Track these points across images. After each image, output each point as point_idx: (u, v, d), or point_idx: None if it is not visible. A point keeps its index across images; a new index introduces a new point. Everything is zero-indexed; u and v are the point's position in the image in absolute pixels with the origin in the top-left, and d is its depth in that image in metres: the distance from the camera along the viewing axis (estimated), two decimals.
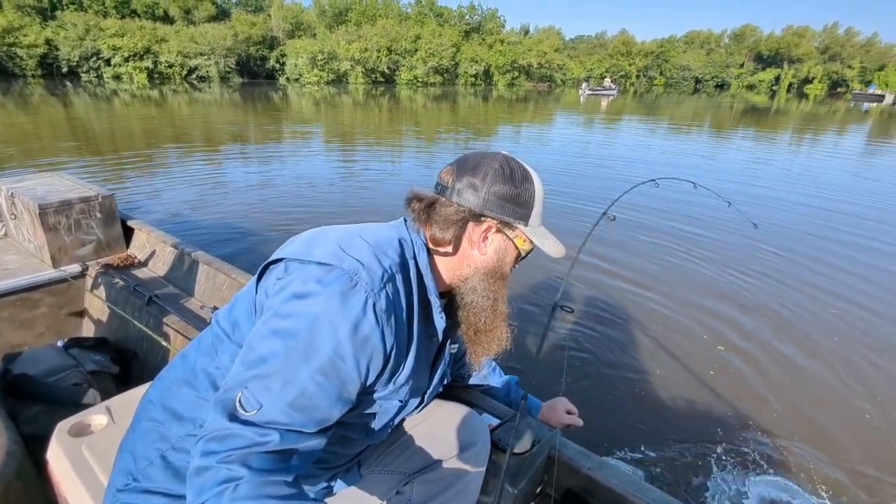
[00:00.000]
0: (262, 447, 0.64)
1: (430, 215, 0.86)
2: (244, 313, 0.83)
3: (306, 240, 0.80)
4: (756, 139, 14.24)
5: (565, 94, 46.13)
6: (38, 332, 2.29)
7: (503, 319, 0.93)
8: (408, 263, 0.82)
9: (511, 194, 0.85)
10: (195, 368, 0.84)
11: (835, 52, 71.83)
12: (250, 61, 49.91)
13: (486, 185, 0.84)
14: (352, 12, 59.18)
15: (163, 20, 49.52)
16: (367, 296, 0.71)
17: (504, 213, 0.85)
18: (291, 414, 0.66)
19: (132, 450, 0.85)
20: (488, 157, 0.86)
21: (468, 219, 0.85)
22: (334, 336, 0.68)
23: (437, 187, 0.89)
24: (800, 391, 2.58)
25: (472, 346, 0.94)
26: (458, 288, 0.91)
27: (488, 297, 0.89)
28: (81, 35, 40.47)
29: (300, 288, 0.71)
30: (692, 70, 71.71)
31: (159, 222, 2.53)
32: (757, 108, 31.27)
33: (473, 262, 0.88)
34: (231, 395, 0.67)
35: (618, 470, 1.08)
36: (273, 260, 0.79)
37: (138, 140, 10.36)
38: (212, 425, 0.66)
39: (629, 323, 3.19)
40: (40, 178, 2.58)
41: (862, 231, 5.29)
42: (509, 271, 0.92)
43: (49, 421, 1.20)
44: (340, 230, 0.82)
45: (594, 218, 1.78)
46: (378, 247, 0.78)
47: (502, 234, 0.88)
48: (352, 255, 0.74)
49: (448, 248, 0.87)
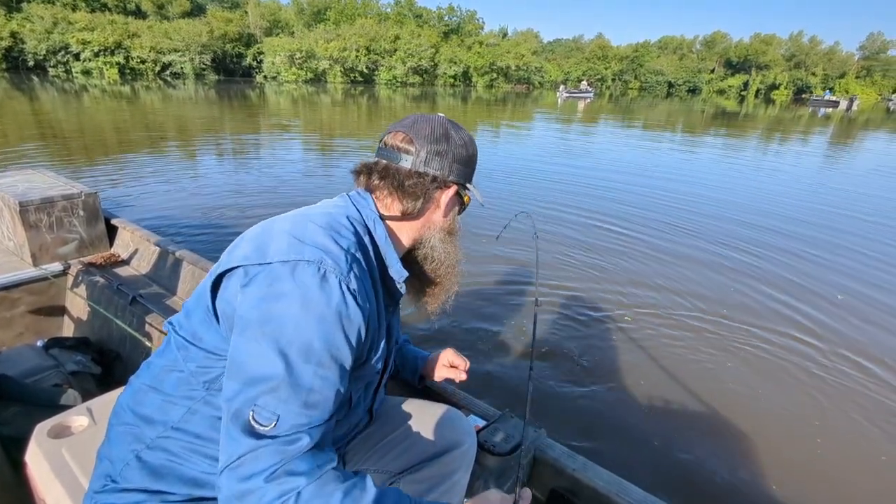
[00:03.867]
0: (299, 452, 0.65)
1: (402, 188, 0.87)
2: (202, 323, 0.81)
3: (256, 239, 0.76)
4: (726, 143, 14.71)
5: (543, 96, 46.65)
6: (17, 331, 2.24)
7: (456, 272, 1.00)
8: (363, 239, 0.83)
9: (467, 158, 0.91)
10: (159, 375, 0.84)
11: (800, 59, 74.55)
12: (226, 58, 48.94)
13: (449, 151, 0.88)
14: (330, 11, 58.59)
15: (135, 14, 48.04)
16: (339, 279, 0.71)
17: (462, 175, 0.91)
18: (309, 413, 0.68)
19: (108, 455, 0.85)
20: (437, 123, 0.90)
21: (438, 186, 0.89)
22: (321, 328, 0.68)
23: (390, 155, 0.89)
24: (768, 386, 2.73)
25: (430, 298, 1.01)
26: (417, 248, 0.95)
27: (447, 252, 0.95)
28: (49, 28, 39.02)
29: (271, 291, 0.69)
30: (665, 75, 73.43)
31: (138, 220, 2.50)
32: (727, 113, 32.23)
33: (435, 224, 0.93)
34: (242, 417, 0.66)
35: (602, 470, 1.09)
36: (229, 268, 0.75)
37: (111, 137, 10.09)
38: (235, 451, 0.65)
39: (600, 322, 3.31)
40: (21, 175, 2.52)
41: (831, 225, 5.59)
42: (459, 226, 0.99)
43: (28, 422, 1.17)
44: (286, 220, 0.79)
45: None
46: (332, 228, 0.77)
47: (457, 195, 0.94)
48: (310, 243, 0.72)
49: (412, 215, 0.89)
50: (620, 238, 4.94)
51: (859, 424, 2.42)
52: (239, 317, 0.70)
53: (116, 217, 2.62)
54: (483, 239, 4.37)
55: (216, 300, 0.77)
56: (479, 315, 3.25)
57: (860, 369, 2.88)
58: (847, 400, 2.60)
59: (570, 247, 4.58)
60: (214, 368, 0.79)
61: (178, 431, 0.81)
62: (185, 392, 0.81)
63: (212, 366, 0.79)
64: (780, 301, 3.68)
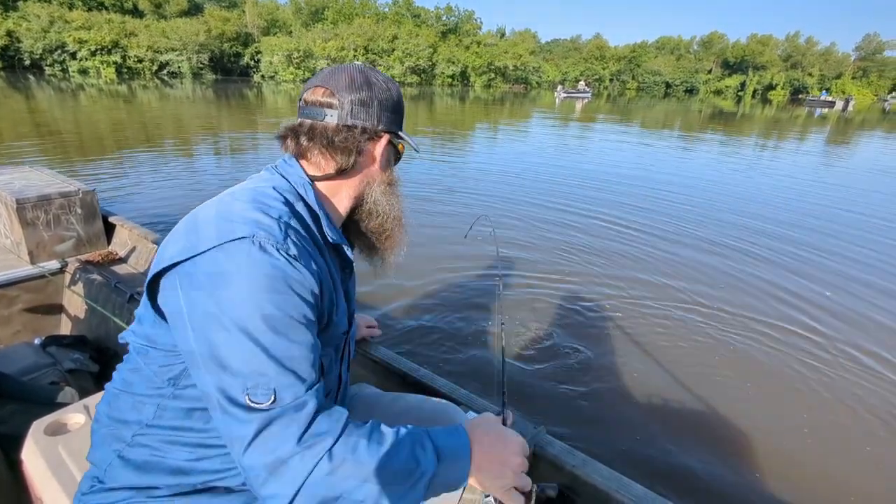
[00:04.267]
0: (310, 414, 0.67)
1: (332, 145, 0.84)
2: (153, 326, 0.80)
3: (185, 233, 0.73)
4: (723, 142, 14.76)
5: (541, 96, 46.72)
6: (14, 329, 2.24)
7: (403, 224, 0.98)
8: (295, 206, 0.80)
9: (393, 103, 0.88)
10: (127, 378, 0.86)
11: (796, 60, 74.90)
12: (224, 58, 48.85)
13: (374, 100, 0.85)
14: (328, 10, 58.60)
15: (132, 13, 47.96)
16: (277, 247, 0.69)
17: (392, 124, 0.89)
18: (301, 378, 0.69)
19: (93, 459, 0.87)
20: (355, 71, 0.86)
21: (370, 137, 0.86)
22: (276, 297, 0.67)
23: (314, 113, 0.85)
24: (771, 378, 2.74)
25: (382, 252, 1.00)
26: (361, 206, 0.92)
27: (390, 204, 0.93)
28: (45, 27, 38.91)
29: (213, 279, 0.67)
30: (663, 75, 73.65)
31: (136, 218, 2.50)
32: (724, 113, 32.33)
33: (372, 177, 0.91)
34: (239, 402, 0.66)
35: (602, 466, 1.09)
36: (162, 270, 0.72)
37: (108, 135, 10.06)
38: (247, 431, 0.65)
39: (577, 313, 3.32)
40: (17, 172, 2.52)
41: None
42: (398, 175, 0.97)
43: (24, 420, 1.17)
44: (211, 206, 0.77)
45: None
46: (258, 202, 0.75)
47: (391, 145, 0.91)
48: (238, 220, 0.70)
49: (347, 171, 0.87)
50: (617, 233, 4.96)
51: (866, 421, 2.43)
52: (191, 313, 0.69)
53: (114, 215, 2.62)
54: (479, 237, 4.38)
55: (158, 301, 0.76)
56: (458, 309, 3.27)
57: (859, 364, 2.90)
58: (851, 396, 2.61)
59: (563, 240, 4.60)
60: (175, 365, 0.80)
61: (153, 427, 0.82)
62: (153, 391, 0.82)
63: (172, 363, 0.80)
64: (775, 295, 3.69)
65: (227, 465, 0.83)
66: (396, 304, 3.31)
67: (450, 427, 0.81)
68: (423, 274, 3.75)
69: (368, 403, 1.14)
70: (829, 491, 2.03)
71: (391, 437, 0.72)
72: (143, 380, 0.83)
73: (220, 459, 0.83)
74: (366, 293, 3.37)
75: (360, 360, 1.50)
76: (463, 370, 2.63)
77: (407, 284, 3.58)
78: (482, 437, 0.80)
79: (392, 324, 3.07)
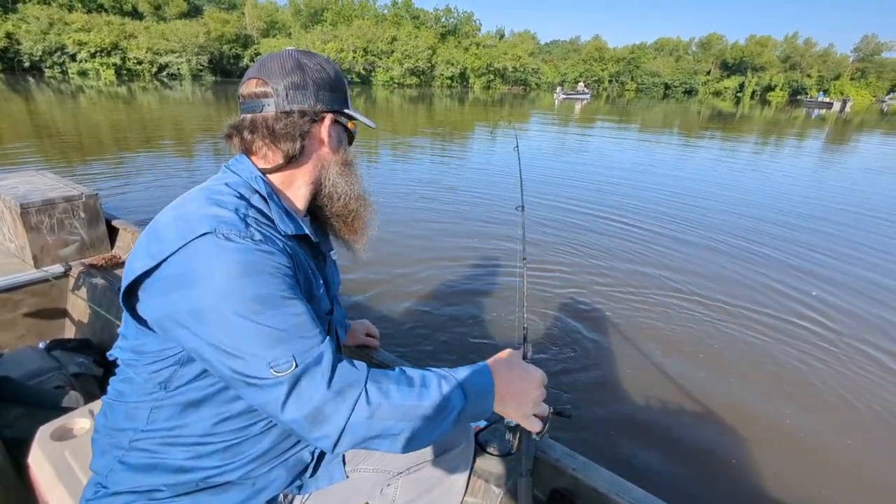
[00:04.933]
0: (330, 364, 0.71)
1: (274, 135, 0.84)
2: (137, 337, 0.81)
3: (147, 242, 0.73)
4: (722, 145, 14.79)
5: (540, 97, 46.74)
6: (19, 333, 2.25)
7: (367, 202, 0.98)
8: (250, 200, 0.80)
9: (330, 82, 0.87)
10: (119, 388, 0.87)
11: (795, 61, 74.93)
12: (223, 59, 48.86)
13: (308, 81, 0.84)
14: (327, 12, 58.61)
15: (131, 15, 47.97)
16: (241, 236, 0.70)
17: (334, 102, 0.88)
18: (310, 338, 0.72)
19: (95, 468, 0.89)
20: (284, 56, 0.85)
21: (312, 119, 0.86)
22: (256, 278, 0.69)
23: (252, 106, 0.85)
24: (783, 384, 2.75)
25: (350, 235, 1.00)
26: (321, 191, 0.92)
27: (351, 184, 0.93)
28: (45, 29, 38.89)
29: (190, 277, 0.68)
30: (662, 76, 73.68)
31: (139, 221, 2.52)
32: (723, 114, 32.36)
33: (325, 160, 0.91)
34: (266, 378, 0.68)
35: (603, 470, 1.09)
36: (133, 282, 0.73)
37: (110, 137, 10.06)
38: (279, 394, 0.68)
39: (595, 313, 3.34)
40: (22, 177, 2.53)
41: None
42: (353, 155, 0.96)
43: (30, 424, 1.19)
44: (167, 212, 0.77)
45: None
46: (211, 198, 0.76)
47: (338, 124, 0.91)
48: (197, 220, 0.71)
49: (296, 158, 0.86)
50: (622, 230, 4.99)
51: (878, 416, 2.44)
52: (177, 315, 0.70)
53: (117, 218, 2.63)
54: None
55: (138, 311, 0.76)
56: (470, 306, 3.28)
57: (870, 359, 2.92)
58: (862, 391, 2.63)
59: (568, 239, 4.62)
60: (164, 370, 0.80)
61: (149, 431, 0.83)
62: (145, 396, 0.83)
63: (161, 368, 0.80)
64: (778, 290, 3.71)
65: (226, 460, 0.85)
66: (397, 306, 3.33)
67: (475, 366, 0.85)
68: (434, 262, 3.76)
69: None
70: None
71: (419, 379, 0.77)
72: (135, 388, 0.84)
73: (219, 455, 0.84)
74: (370, 295, 3.38)
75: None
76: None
77: (418, 275, 3.59)
78: (505, 373, 0.85)
79: (395, 323, 3.08)
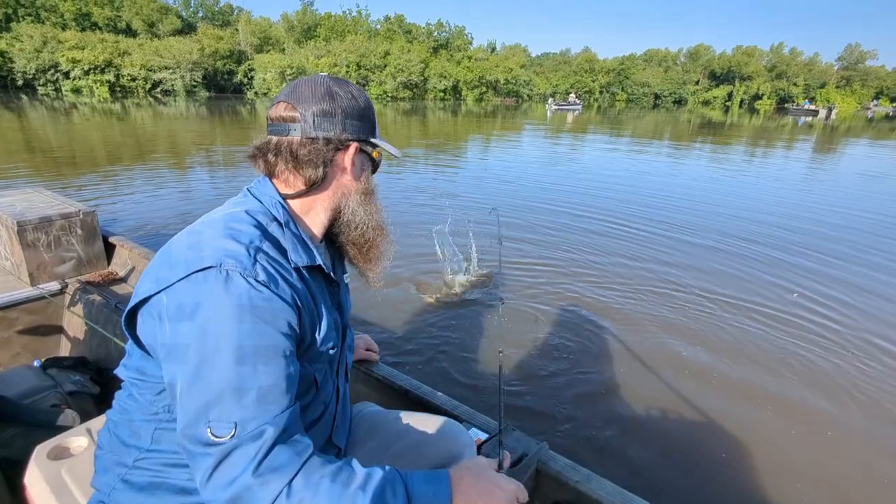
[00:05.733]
0: (268, 443, 0.65)
1: (297, 160, 0.83)
2: (141, 359, 0.82)
3: (158, 266, 0.74)
4: (713, 152, 14.97)
5: (532, 108, 47.19)
6: (14, 352, 2.23)
7: (386, 230, 0.97)
8: (268, 229, 0.80)
9: (359, 111, 0.87)
10: (125, 406, 0.87)
11: (781, 70, 76.27)
12: (217, 75, 49.17)
13: (337, 109, 0.84)
14: (321, 28, 59.26)
15: (125, 33, 48.30)
16: (244, 276, 0.69)
17: (360, 131, 0.88)
18: (265, 408, 0.67)
19: (98, 485, 0.88)
20: (317, 82, 0.85)
21: (337, 147, 0.85)
22: (241, 326, 0.67)
23: (279, 129, 0.85)
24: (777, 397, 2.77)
25: (365, 264, 0.98)
26: (339, 218, 0.91)
27: (370, 214, 0.93)
28: (38, 47, 39.08)
29: (181, 311, 0.68)
30: (651, 86, 74.77)
31: (135, 238, 2.51)
32: (713, 123, 32.80)
33: (346, 188, 0.90)
34: (202, 437, 0.65)
35: (605, 482, 1.08)
36: (138, 303, 0.74)
37: (105, 154, 10.06)
38: (207, 464, 0.65)
39: (567, 317, 3.35)
40: (19, 195, 2.53)
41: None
42: (375, 185, 0.96)
43: (26, 444, 1.17)
44: (183, 237, 0.77)
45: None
46: (229, 228, 0.75)
47: (363, 153, 0.91)
48: (207, 251, 0.71)
49: (318, 185, 0.86)
50: (617, 237, 5.02)
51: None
52: (162, 345, 0.70)
53: (114, 235, 2.63)
54: None
55: (139, 335, 0.77)
56: (451, 327, 3.28)
57: (872, 359, 2.94)
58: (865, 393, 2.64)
59: (565, 247, 4.65)
60: (166, 394, 0.80)
61: (153, 452, 0.83)
62: (150, 417, 0.83)
63: (162, 391, 0.81)
64: (782, 296, 3.74)
65: None
66: (395, 316, 3.33)
67: (433, 473, 0.76)
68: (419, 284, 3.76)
69: (372, 423, 1.15)
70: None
71: (360, 478, 0.69)
72: (139, 408, 0.84)
73: None
74: (362, 307, 3.38)
75: (361, 378, 1.51)
76: (465, 382, 2.64)
77: (405, 295, 3.59)
78: (468, 489, 0.75)
79: (392, 338, 3.08)
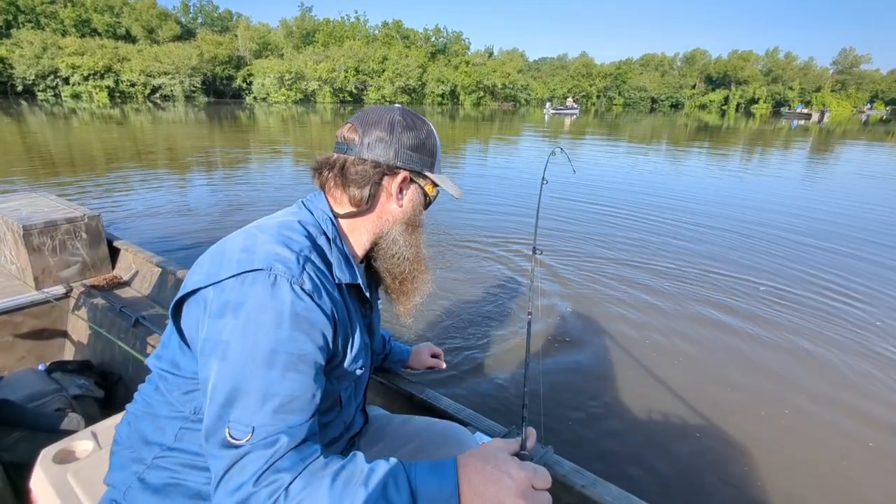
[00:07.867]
0: (281, 452, 0.66)
1: (345, 177, 0.86)
2: (177, 351, 0.82)
3: (210, 261, 0.76)
4: (710, 155, 15.04)
5: (530, 113, 47.35)
6: (19, 355, 2.24)
7: (425, 266, 0.97)
8: (317, 241, 0.82)
9: (418, 143, 0.89)
10: (149, 401, 0.87)
11: (777, 74, 76.81)
12: (216, 80, 49.27)
13: (394, 137, 0.86)
14: (319, 33, 59.52)
15: (125, 39, 48.46)
16: (291, 282, 0.71)
17: (414, 162, 0.89)
18: (284, 418, 0.68)
19: (112, 482, 0.88)
20: (388, 111, 0.89)
21: (384, 172, 0.87)
22: (279, 332, 0.68)
23: (340, 147, 0.89)
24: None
25: (398, 296, 0.97)
26: (379, 243, 0.92)
27: (410, 245, 0.92)
28: (38, 53, 39.19)
29: (225, 307, 0.70)
30: (648, 90, 75.15)
31: (139, 242, 2.53)
32: (709, 126, 32.89)
33: (391, 215, 0.91)
34: (220, 436, 0.67)
35: (611, 486, 1.07)
36: (186, 294, 0.76)
37: (105, 159, 10.06)
38: (221, 466, 0.66)
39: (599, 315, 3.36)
40: (24, 199, 2.55)
41: None
42: (423, 219, 0.96)
43: (31, 448, 1.18)
44: (238, 237, 0.79)
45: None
46: (282, 235, 0.77)
47: (415, 184, 0.92)
48: (259, 254, 0.73)
49: (364, 206, 0.87)
50: (630, 245, 5.04)
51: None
52: (202, 340, 0.71)
53: (118, 239, 2.64)
54: None
55: (182, 326, 0.79)
56: (478, 322, 3.30)
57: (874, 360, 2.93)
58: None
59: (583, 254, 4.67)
60: (197, 392, 0.81)
61: (174, 451, 0.83)
62: (175, 414, 0.84)
63: (193, 389, 0.81)
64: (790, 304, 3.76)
65: None
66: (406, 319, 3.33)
67: (439, 462, 0.73)
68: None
69: (379, 426, 1.16)
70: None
71: (362, 475, 0.68)
72: (165, 404, 0.85)
73: None
74: None
75: None
76: (481, 386, 2.63)
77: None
78: (474, 474, 0.70)
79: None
